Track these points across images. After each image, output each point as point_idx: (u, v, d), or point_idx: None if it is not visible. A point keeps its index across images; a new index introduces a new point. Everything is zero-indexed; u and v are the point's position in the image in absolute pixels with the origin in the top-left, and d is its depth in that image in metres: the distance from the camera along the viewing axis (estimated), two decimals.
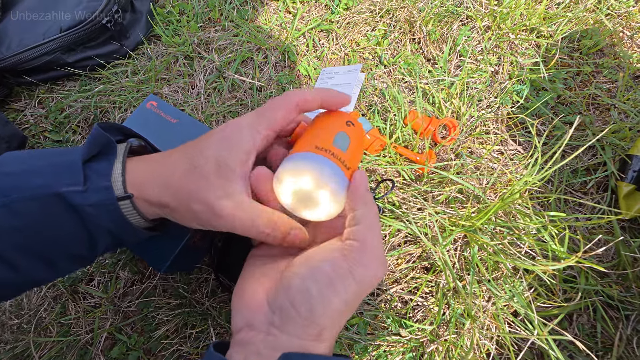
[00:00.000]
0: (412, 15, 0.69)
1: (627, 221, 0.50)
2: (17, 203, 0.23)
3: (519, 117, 0.58)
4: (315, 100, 0.28)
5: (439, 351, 0.46)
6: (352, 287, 0.22)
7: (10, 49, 0.63)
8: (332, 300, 0.22)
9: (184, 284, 0.52)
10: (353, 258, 0.23)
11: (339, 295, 0.22)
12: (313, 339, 0.22)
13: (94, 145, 0.26)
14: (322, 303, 0.22)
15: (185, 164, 0.26)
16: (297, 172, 0.25)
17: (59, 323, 0.52)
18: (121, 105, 0.67)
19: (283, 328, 0.22)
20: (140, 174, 0.26)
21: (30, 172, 0.25)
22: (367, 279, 0.23)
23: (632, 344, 0.44)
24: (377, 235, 0.24)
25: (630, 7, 0.67)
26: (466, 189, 0.53)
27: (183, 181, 0.25)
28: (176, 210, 0.26)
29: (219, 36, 0.73)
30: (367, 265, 0.23)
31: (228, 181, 0.25)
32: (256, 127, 0.26)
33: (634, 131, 0.54)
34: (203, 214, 0.25)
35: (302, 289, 0.22)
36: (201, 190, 0.24)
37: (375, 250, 0.23)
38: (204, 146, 0.26)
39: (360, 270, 0.23)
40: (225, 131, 0.26)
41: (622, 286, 0.47)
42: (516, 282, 0.46)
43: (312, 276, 0.23)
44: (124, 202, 0.26)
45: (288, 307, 0.22)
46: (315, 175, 0.24)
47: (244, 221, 0.25)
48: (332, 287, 0.22)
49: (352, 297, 0.23)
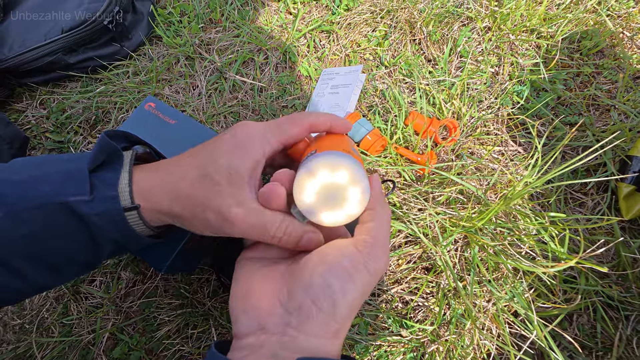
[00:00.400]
0: (412, 16, 0.70)
1: (627, 222, 0.50)
2: (24, 212, 0.24)
3: (520, 118, 0.58)
4: (325, 124, 0.30)
5: (439, 351, 0.46)
6: (367, 279, 0.23)
7: (12, 50, 0.64)
8: (352, 293, 0.23)
9: (185, 285, 0.52)
10: (367, 253, 0.24)
11: (357, 289, 0.23)
12: (331, 336, 0.22)
13: (100, 154, 0.26)
14: (343, 297, 0.23)
15: (195, 172, 0.26)
16: (334, 166, 0.25)
17: (61, 323, 0.52)
18: (122, 106, 0.67)
19: (301, 328, 0.22)
20: (148, 183, 0.26)
21: (37, 179, 0.25)
22: (378, 271, 0.24)
23: (632, 344, 0.44)
24: (388, 232, 0.26)
25: (631, 8, 0.67)
26: (467, 190, 0.54)
27: (194, 190, 0.25)
28: (187, 219, 0.26)
29: (220, 37, 0.74)
30: (379, 258, 0.24)
31: (239, 189, 0.25)
32: (268, 138, 0.27)
33: (634, 132, 0.54)
34: (215, 222, 0.25)
35: (324, 285, 0.23)
36: (213, 199, 0.25)
37: (385, 244, 0.25)
38: (216, 154, 0.26)
39: (373, 264, 0.24)
40: (237, 138, 0.27)
41: (622, 287, 0.47)
42: (516, 283, 0.47)
43: (332, 272, 0.23)
44: (131, 213, 0.26)
45: (309, 305, 0.22)
46: (352, 170, 0.25)
47: (256, 227, 0.25)
48: (352, 281, 0.23)
49: (366, 290, 0.24)
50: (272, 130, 0.27)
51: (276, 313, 0.23)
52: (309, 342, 0.22)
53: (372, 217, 0.26)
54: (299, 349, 0.22)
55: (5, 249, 0.24)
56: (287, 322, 0.23)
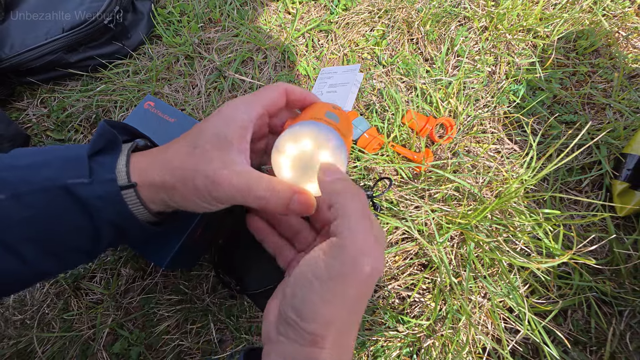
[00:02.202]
0: (410, 16, 0.70)
1: (621, 219, 0.51)
2: (26, 195, 0.24)
3: (515, 116, 0.59)
4: (301, 92, 0.31)
5: (435, 346, 0.46)
6: (332, 288, 0.21)
7: (13, 49, 0.64)
8: (315, 303, 0.21)
9: (184, 281, 0.53)
10: (331, 255, 0.22)
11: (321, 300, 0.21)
12: (311, 345, 0.22)
13: (99, 140, 0.27)
14: (308, 308, 0.22)
15: (186, 147, 0.27)
16: (296, 137, 0.25)
17: (61, 319, 0.53)
18: (122, 105, 0.68)
19: (287, 335, 0.23)
20: (144, 162, 0.27)
21: (38, 164, 0.26)
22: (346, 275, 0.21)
23: (625, 339, 0.44)
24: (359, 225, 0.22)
25: (626, 8, 0.68)
26: (463, 187, 0.54)
27: (185, 161, 0.26)
28: (178, 189, 0.26)
29: (220, 36, 0.74)
30: (345, 262, 0.21)
31: (225, 152, 0.25)
32: (251, 104, 0.28)
33: (629, 130, 0.55)
34: (203, 187, 0.25)
35: (291, 295, 0.23)
36: (202, 165, 0.25)
37: (357, 243, 0.21)
38: (204, 127, 0.27)
39: (337, 267, 0.21)
40: (222, 110, 0.28)
41: (615, 282, 0.47)
42: (511, 279, 0.47)
43: (297, 282, 0.23)
44: (128, 191, 0.27)
45: (287, 314, 0.23)
46: (314, 135, 0.25)
47: (240, 186, 0.25)
48: (312, 291, 0.22)
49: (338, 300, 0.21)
50: (253, 98, 0.29)
51: (275, 322, 0.25)
52: (295, 348, 0.22)
53: (335, 214, 0.23)
54: (288, 355, 0.22)
55: (7, 231, 0.24)
56: (279, 330, 0.24)
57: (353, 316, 0.23)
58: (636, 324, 0.45)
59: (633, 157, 0.51)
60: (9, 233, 0.24)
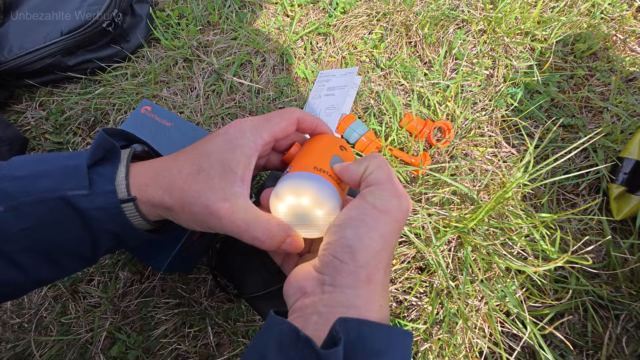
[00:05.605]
0: (408, 19, 0.70)
1: (618, 222, 0.51)
2: (24, 206, 0.24)
3: (513, 120, 0.59)
4: (312, 122, 0.31)
5: (432, 350, 0.47)
6: (381, 217, 0.24)
7: (11, 53, 0.64)
8: (367, 235, 0.23)
9: (182, 284, 0.53)
10: (373, 196, 0.24)
11: (372, 230, 0.23)
12: (364, 285, 0.23)
13: (98, 150, 0.27)
14: (359, 242, 0.23)
15: (190, 168, 0.27)
16: (297, 191, 0.26)
17: (59, 322, 0.53)
18: (121, 108, 0.68)
19: (335, 283, 0.23)
20: (144, 177, 0.27)
21: (37, 175, 0.26)
22: (392, 209, 0.24)
23: (621, 343, 0.44)
24: (391, 176, 0.26)
25: (624, 11, 0.68)
26: (460, 191, 0.54)
27: (188, 184, 0.26)
28: (176, 212, 0.27)
29: (218, 39, 0.74)
30: (388, 199, 0.24)
31: (230, 184, 0.26)
32: (259, 132, 0.28)
33: (626, 134, 0.55)
34: (201, 216, 0.26)
35: (339, 238, 0.24)
36: (203, 193, 0.25)
37: (392, 186, 0.25)
38: (209, 149, 0.27)
39: (383, 204, 0.24)
40: (229, 133, 0.27)
41: (612, 286, 0.47)
42: (508, 282, 0.47)
43: (344, 224, 0.24)
44: (127, 205, 0.27)
45: (334, 261, 0.23)
46: (314, 195, 0.26)
47: (238, 223, 0.25)
48: (364, 224, 0.23)
49: (385, 229, 0.24)
50: (263, 124, 0.28)
51: (312, 276, 0.24)
52: (346, 294, 0.22)
53: (369, 171, 0.26)
54: (337, 303, 0.22)
55: (6, 242, 0.24)
56: (322, 281, 0.24)
57: (392, 252, 0.25)
58: (632, 327, 0.45)
59: (630, 160, 0.51)
60: (7, 244, 0.24)
